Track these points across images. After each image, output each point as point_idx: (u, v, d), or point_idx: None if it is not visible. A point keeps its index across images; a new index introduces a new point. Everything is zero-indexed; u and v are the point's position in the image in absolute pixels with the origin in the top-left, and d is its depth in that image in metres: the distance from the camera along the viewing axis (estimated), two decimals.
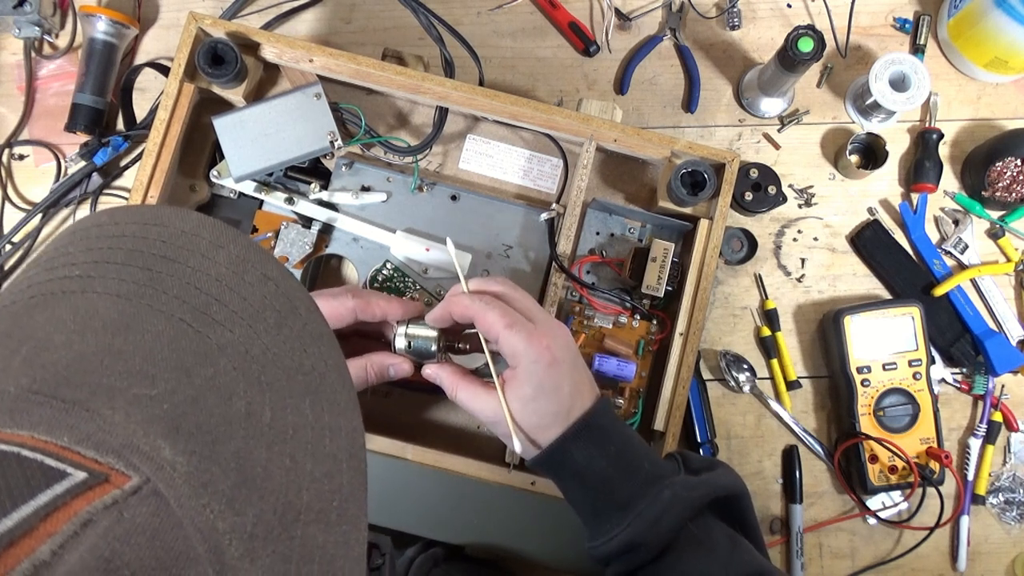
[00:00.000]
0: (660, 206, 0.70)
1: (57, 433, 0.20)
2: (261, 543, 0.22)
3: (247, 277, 0.29)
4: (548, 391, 0.55)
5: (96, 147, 0.74)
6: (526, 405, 0.55)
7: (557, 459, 0.55)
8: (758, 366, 0.76)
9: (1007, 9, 0.72)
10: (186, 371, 0.24)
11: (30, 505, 0.18)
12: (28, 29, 0.76)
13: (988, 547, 0.75)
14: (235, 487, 0.22)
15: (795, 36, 0.68)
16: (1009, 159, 0.76)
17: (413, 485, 0.63)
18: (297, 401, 0.26)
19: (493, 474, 0.64)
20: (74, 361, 0.23)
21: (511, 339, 0.54)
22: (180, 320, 0.25)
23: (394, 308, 0.59)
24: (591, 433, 0.55)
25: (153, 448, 0.21)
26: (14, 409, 0.21)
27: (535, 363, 0.54)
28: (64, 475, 0.19)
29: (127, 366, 0.23)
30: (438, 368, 0.59)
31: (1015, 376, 0.77)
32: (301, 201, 0.69)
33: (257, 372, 0.26)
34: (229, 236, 0.30)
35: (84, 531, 0.18)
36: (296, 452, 0.25)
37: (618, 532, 0.53)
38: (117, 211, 0.30)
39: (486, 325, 0.55)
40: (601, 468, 0.55)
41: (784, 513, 0.75)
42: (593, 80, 0.80)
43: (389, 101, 0.74)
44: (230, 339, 0.26)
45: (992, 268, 0.77)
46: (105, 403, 0.21)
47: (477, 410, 0.57)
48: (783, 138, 0.80)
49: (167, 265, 0.27)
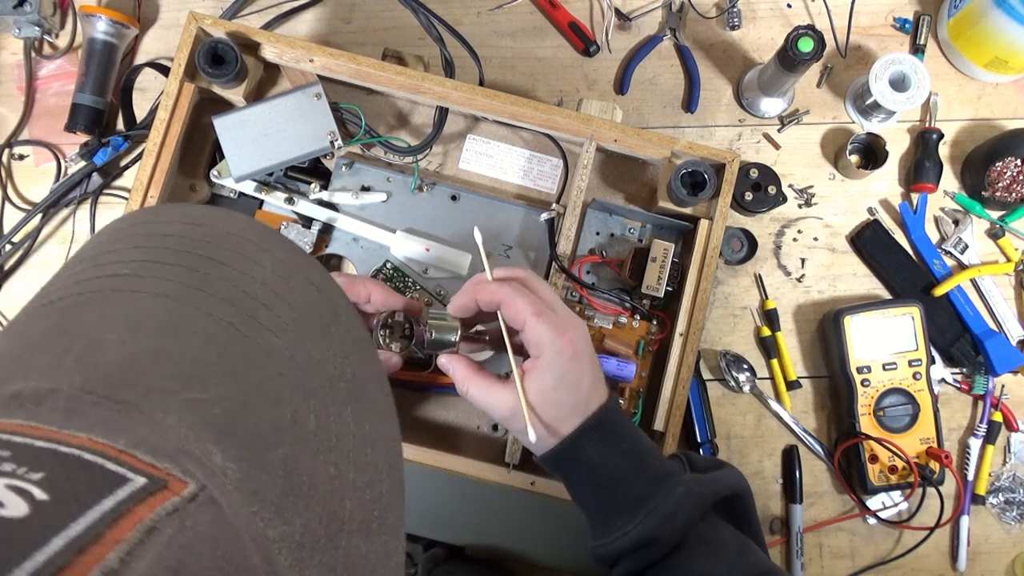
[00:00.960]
0: (660, 206, 0.70)
1: (114, 436, 0.20)
2: (308, 553, 0.21)
3: (292, 282, 0.29)
4: (569, 383, 0.54)
5: (96, 147, 0.74)
6: (546, 396, 0.53)
7: (570, 454, 0.54)
8: (758, 366, 0.76)
9: (1007, 9, 0.72)
10: (235, 376, 0.24)
11: (95, 511, 0.17)
12: (28, 29, 0.76)
13: (988, 547, 0.75)
14: (283, 495, 0.22)
15: (795, 36, 0.68)
16: (1009, 159, 0.76)
17: (413, 485, 0.63)
18: (340, 409, 0.26)
19: (493, 474, 0.64)
20: (126, 361, 0.23)
21: (538, 328, 0.53)
22: (229, 324, 0.25)
23: (376, 290, 0.58)
24: (604, 429, 0.54)
25: (204, 454, 0.21)
26: (70, 409, 0.21)
27: (559, 354, 0.53)
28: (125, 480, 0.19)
29: (178, 369, 0.23)
30: (453, 360, 0.57)
31: (1015, 376, 0.77)
32: (301, 201, 0.69)
33: (302, 379, 0.26)
34: (274, 240, 0.30)
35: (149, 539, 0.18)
36: (340, 461, 0.24)
37: (630, 528, 0.52)
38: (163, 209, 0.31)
39: (514, 311, 0.53)
40: (614, 464, 0.54)
41: (784, 513, 0.75)
42: (593, 80, 0.80)
43: (389, 101, 0.74)
44: (277, 345, 0.26)
45: (992, 268, 0.77)
46: (158, 406, 0.21)
47: (491, 404, 0.55)
48: (783, 138, 0.80)
49: (214, 267, 0.27)
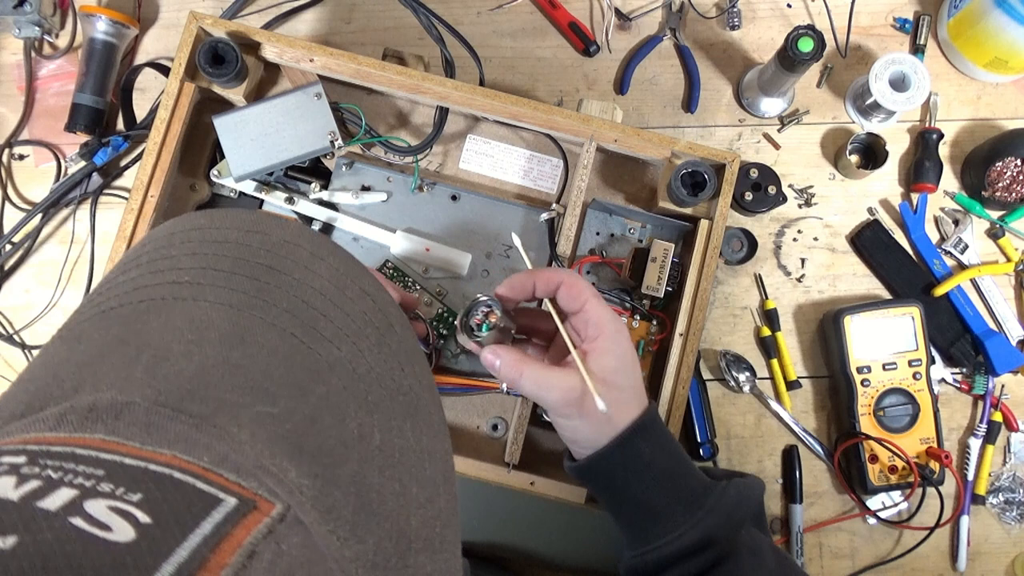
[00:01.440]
0: (660, 206, 0.70)
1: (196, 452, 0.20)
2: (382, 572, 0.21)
3: (348, 292, 0.28)
4: (628, 366, 0.52)
5: (96, 147, 0.74)
6: (607, 377, 0.51)
7: (626, 450, 0.52)
8: (758, 366, 0.76)
9: (1007, 9, 0.72)
10: (301, 389, 0.24)
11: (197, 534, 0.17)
12: (28, 29, 0.76)
13: (988, 547, 0.75)
14: (356, 512, 0.21)
15: (795, 36, 0.68)
16: (1009, 159, 0.76)
17: None
18: (400, 423, 0.26)
19: (493, 474, 0.64)
20: (196, 373, 0.22)
21: (600, 306, 0.52)
22: (292, 335, 0.25)
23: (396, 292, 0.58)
24: (657, 426, 0.53)
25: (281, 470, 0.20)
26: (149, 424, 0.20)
27: (619, 332, 0.52)
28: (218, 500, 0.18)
29: (247, 381, 0.23)
30: (499, 349, 0.53)
31: (1015, 376, 0.77)
32: (301, 201, 0.69)
33: (364, 392, 0.25)
34: (328, 248, 0.30)
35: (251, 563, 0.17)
36: (403, 476, 0.24)
37: (686, 529, 0.50)
38: (216, 214, 0.30)
39: (576, 291, 0.52)
40: (666, 463, 0.52)
41: (784, 513, 0.75)
42: (593, 80, 0.80)
43: (389, 101, 0.74)
44: (338, 356, 0.26)
45: (992, 268, 0.77)
46: (231, 420, 0.21)
47: (547, 391, 0.51)
48: (783, 138, 0.80)
49: (273, 276, 0.27)
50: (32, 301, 0.76)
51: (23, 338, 0.76)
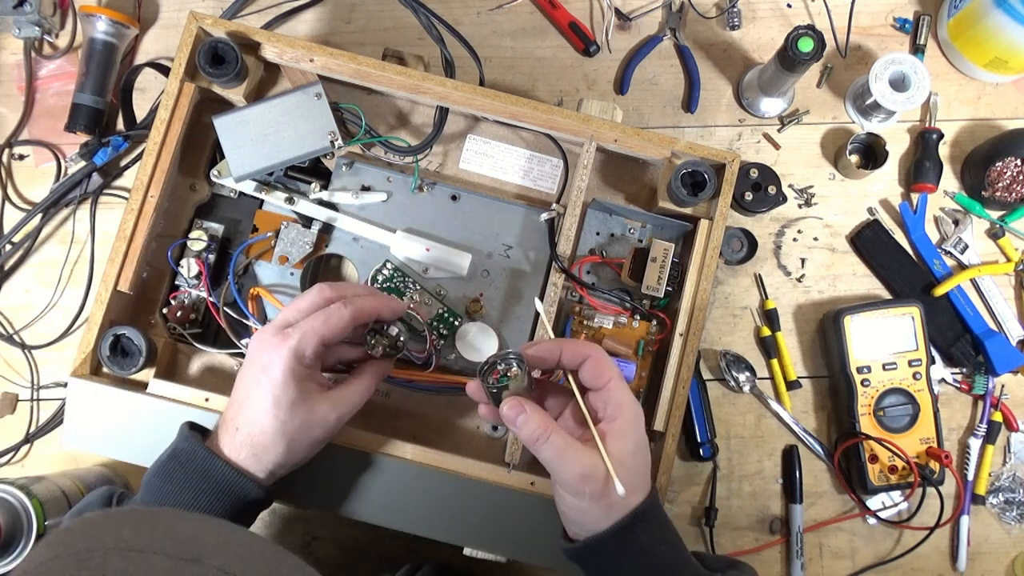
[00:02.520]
0: (660, 206, 0.70)
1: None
2: None
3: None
4: (642, 451, 0.52)
5: (96, 147, 0.74)
6: (625, 460, 0.50)
7: (624, 536, 0.51)
8: (758, 366, 0.76)
9: (1007, 9, 0.72)
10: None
11: None
12: (28, 29, 0.76)
13: (988, 547, 0.75)
14: None
15: (795, 36, 0.68)
16: (1009, 159, 0.76)
17: (413, 485, 0.63)
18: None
19: (493, 474, 0.64)
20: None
21: (623, 388, 0.51)
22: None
23: (384, 307, 0.58)
24: (657, 514, 0.53)
25: None
26: None
27: (638, 417, 0.52)
28: None
29: None
30: (528, 407, 0.51)
31: (1015, 376, 0.77)
32: (301, 201, 0.69)
33: None
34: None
35: None
36: None
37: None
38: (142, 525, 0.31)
39: (602, 368, 0.51)
40: (663, 553, 0.52)
41: (784, 513, 0.75)
42: (593, 80, 0.80)
43: (389, 101, 0.74)
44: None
45: (992, 268, 0.77)
46: None
47: (568, 464, 0.50)
48: (783, 138, 0.80)
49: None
50: (32, 301, 0.76)
51: (23, 338, 0.76)
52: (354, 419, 0.59)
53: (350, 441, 0.64)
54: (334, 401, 0.56)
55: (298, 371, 0.54)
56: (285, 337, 0.54)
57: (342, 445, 0.63)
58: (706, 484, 0.75)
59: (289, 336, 0.54)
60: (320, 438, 0.56)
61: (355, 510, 0.63)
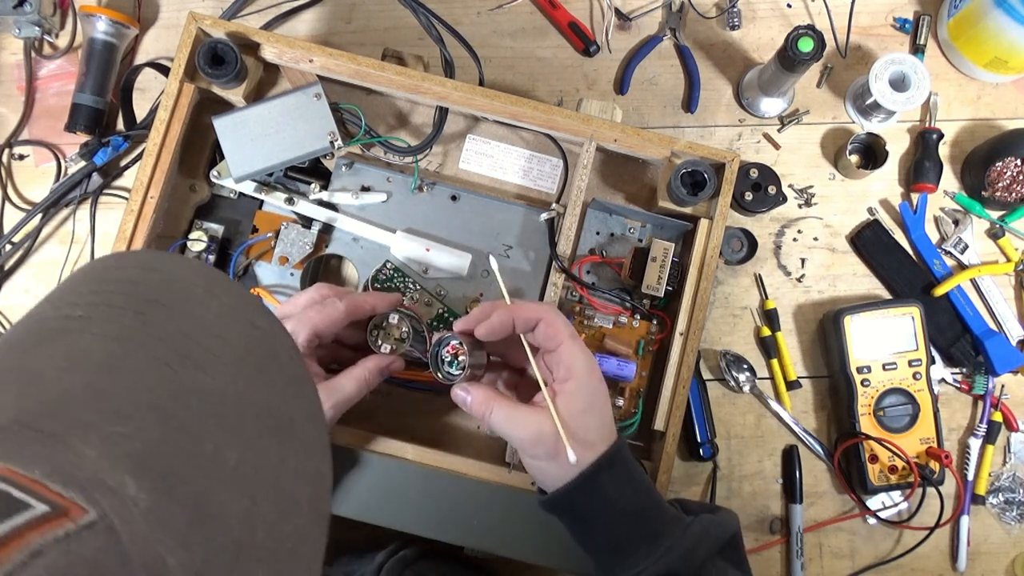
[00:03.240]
0: (660, 206, 0.70)
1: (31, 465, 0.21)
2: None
3: (235, 325, 0.30)
4: (597, 407, 0.54)
5: (96, 147, 0.74)
6: (575, 419, 0.52)
7: (589, 488, 0.53)
8: (758, 366, 0.76)
9: (1007, 9, 0.72)
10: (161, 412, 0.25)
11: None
12: (28, 29, 0.76)
13: (988, 547, 0.75)
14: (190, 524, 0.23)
15: (795, 36, 0.68)
16: (1009, 159, 0.76)
17: (413, 485, 0.63)
18: (264, 444, 0.27)
19: (493, 474, 0.64)
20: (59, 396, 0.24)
21: (575, 348, 0.53)
22: (165, 364, 0.26)
23: (379, 300, 0.59)
24: (621, 463, 0.54)
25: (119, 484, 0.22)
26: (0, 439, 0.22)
27: (590, 376, 0.53)
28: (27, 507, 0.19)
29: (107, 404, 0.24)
30: (469, 387, 0.55)
31: (1015, 376, 0.77)
32: (301, 201, 0.69)
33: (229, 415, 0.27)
34: (223, 286, 0.31)
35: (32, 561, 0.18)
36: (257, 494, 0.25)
37: (647, 564, 0.51)
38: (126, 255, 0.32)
39: (554, 330, 0.53)
40: (630, 499, 0.53)
41: (784, 513, 0.75)
42: (593, 80, 0.80)
43: (389, 101, 0.74)
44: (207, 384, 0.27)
45: (992, 268, 0.77)
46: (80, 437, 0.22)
47: (515, 430, 0.53)
48: (783, 138, 0.80)
49: (159, 309, 0.28)
50: (32, 301, 0.76)
51: None
52: (354, 419, 0.59)
53: (351, 441, 0.64)
54: (328, 391, 0.57)
55: None
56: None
57: (343, 446, 0.63)
58: (706, 484, 0.75)
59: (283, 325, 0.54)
60: None
61: (356, 510, 0.63)
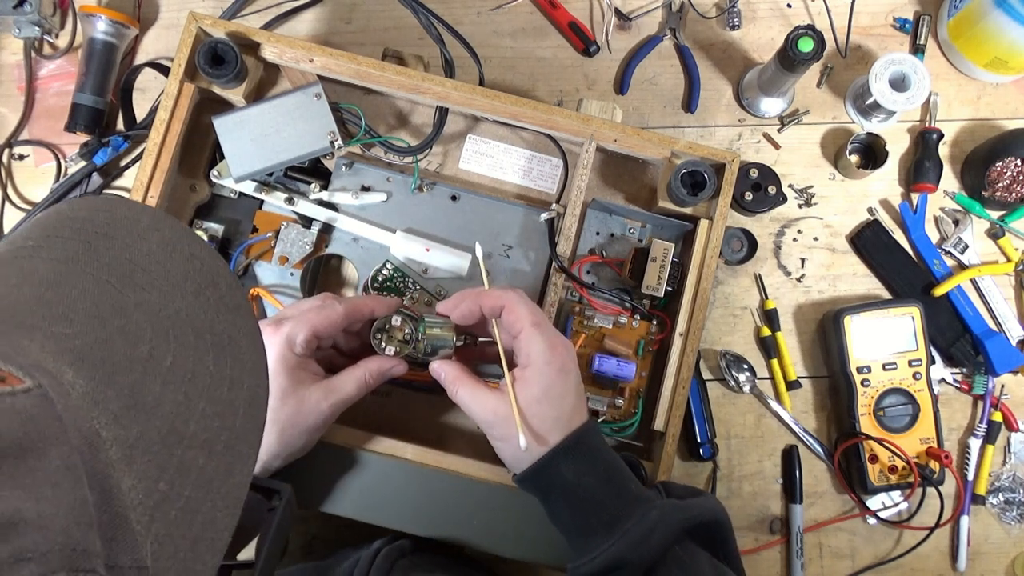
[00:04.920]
0: (660, 206, 0.70)
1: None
2: (140, 453, 0.25)
3: (175, 255, 0.32)
4: (554, 396, 0.55)
5: (96, 147, 0.74)
6: (530, 406, 0.54)
7: (547, 472, 0.55)
8: (758, 366, 0.76)
9: (1007, 9, 0.72)
10: (101, 319, 0.28)
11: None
12: (28, 29, 0.76)
13: (988, 547, 0.75)
14: (124, 408, 0.25)
15: (795, 36, 0.68)
16: (1009, 159, 0.76)
17: (413, 485, 0.63)
18: (201, 354, 0.29)
19: (493, 474, 0.64)
20: (8, 306, 0.27)
21: (534, 336, 0.55)
22: (106, 282, 0.29)
23: (378, 303, 0.60)
24: (582, 449, 0.55)
25: (58, 371, 0.24)
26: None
27: (548, 365, 0.54)
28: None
29: (51, 311, 0.27)
30: (443, 364, 0.59)
31: (1015, 376, 0.77)
32: (301, 201, 0.69)
33: (167, 327, 0.29)
34: (166, 222, 0.33)
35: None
36: (190, 391, 0.28)
37: (604, 549, 0.53)
38: (79, 201, 0.34)
39: (515, 317, 0.55)
40: (589, 486, 0.55)
41: (784, 513, 0.75)
42: (593, 80, 0.80)
43: (389, 101, 0.74)
44: (147, 299, 0.30)
45: (992, 268, 0.77)
46: (25, 334, 0.25)
47: (476, 409, 0.56)
48: (783, 138, 0.80)
49: (105, 240, 0.31)
50: None
51: None
52: (354, 419, 0.59)
53: (350, 441, 0.64)
54: (327, 390, 0.57)
55: (289, 359, 0.55)
56: (278, 326, 0.56)
57: (342, 445, 0.63)
58: (706, 484, 0.75)
59: (282, 325, 0.56)
60: (314, 426, 0.57)
61: (355, 510, 0.63)
